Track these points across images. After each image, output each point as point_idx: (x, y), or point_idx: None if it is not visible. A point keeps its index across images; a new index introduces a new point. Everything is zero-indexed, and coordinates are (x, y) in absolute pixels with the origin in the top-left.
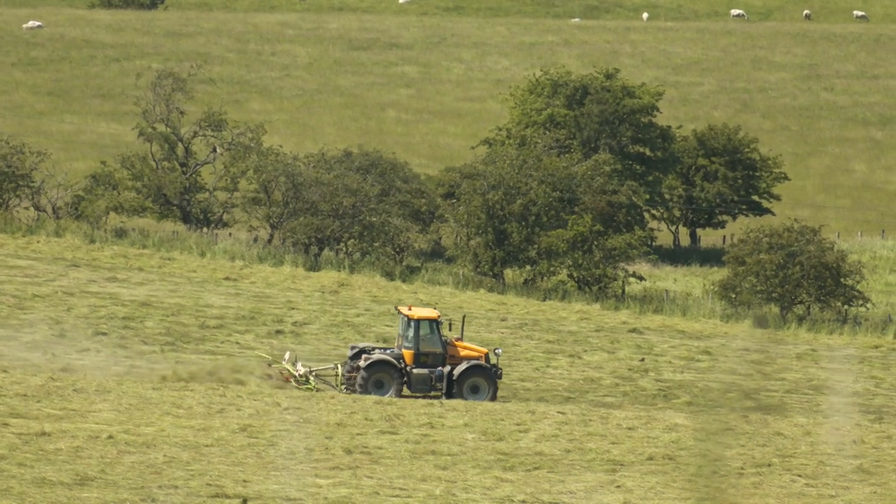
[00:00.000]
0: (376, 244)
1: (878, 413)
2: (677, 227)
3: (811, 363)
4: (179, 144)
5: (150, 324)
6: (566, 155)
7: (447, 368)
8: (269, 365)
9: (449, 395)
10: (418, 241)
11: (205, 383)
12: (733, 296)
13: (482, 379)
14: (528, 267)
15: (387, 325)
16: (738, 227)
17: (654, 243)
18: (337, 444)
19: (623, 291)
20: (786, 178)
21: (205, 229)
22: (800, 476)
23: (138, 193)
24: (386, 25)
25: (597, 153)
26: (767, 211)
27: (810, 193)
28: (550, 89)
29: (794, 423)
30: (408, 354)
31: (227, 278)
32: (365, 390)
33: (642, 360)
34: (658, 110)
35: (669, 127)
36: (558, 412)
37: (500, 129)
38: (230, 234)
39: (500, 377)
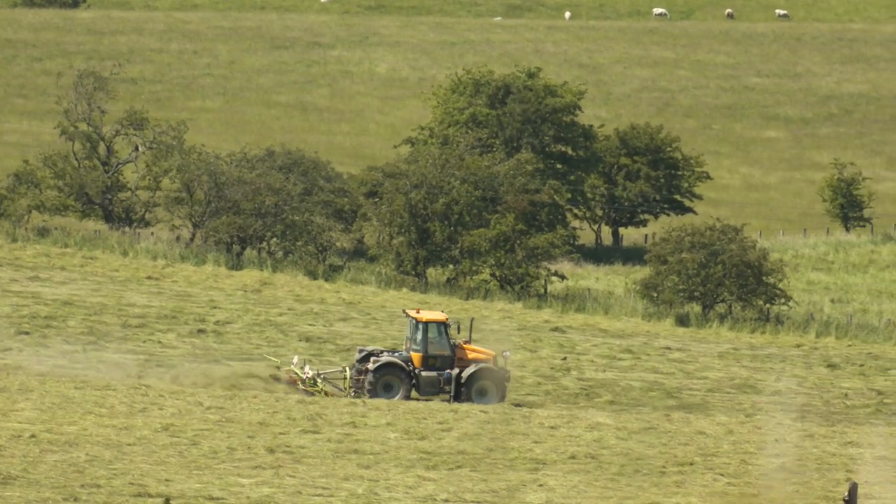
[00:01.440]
0: (299, 243)
1: (799, 412)
2: (599, 226)
3: (733, 362)
4: (101, 143)
5: (72, 323)
6: (488, 154)
7: (455, 371)
8: (277, 368)
9: (457, 398)
10: (341, 240)
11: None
12: (655, 294)
13: (490, 381)
14: (450, 266)
15: (309, 325)
16: (660, 226)
17: (576, 242)
18: (259, 443)
19: (545, 290)
20: (708, 177)
21: (127, 228)
22: (722, 475)
23: (60, 192)
24: (308, 24)
25: (519, 152)
26: (689, 210)
27: (732, 192)
28: (473, 88)
29: (716, 421)
30: (416, 357)
31: (149, 277)
32: (373, 393)
33: (564, 358)
34: (580, 109)
35: (591, 126)
36: (481, 411)
37: (422, 129)
38: (152, 234)
39: (508, 380)
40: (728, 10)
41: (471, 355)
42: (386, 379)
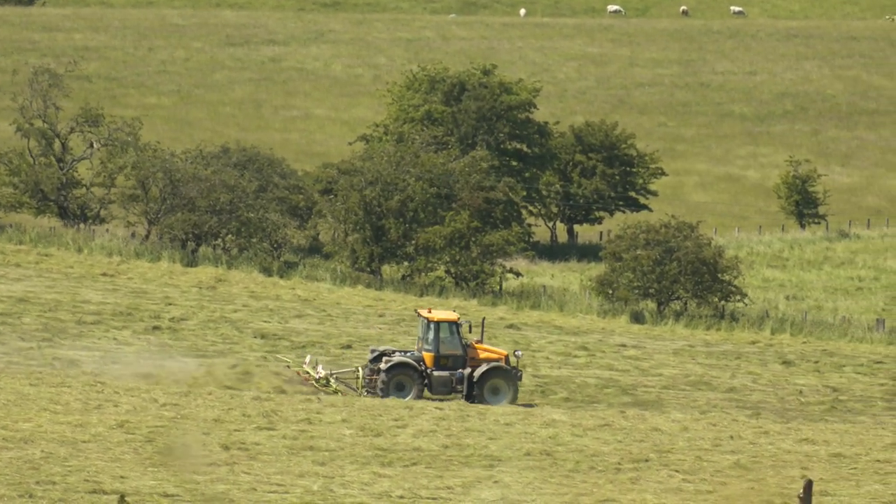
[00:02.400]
0: (254, 240)
1: (755, 409)
2: (554, 223)
3: (688, 359)
4: (56, 140)
5: (27, 320)
6: (443, 151)
7: (467, 370)
8: (289, 367)
9: (469, 397)
10: (296, 237)
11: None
12: (610, 291)
13: (502, 380)
14: (405, 263)
15: (264, 322)
16: (615, 223)
17: (531, 239)
18: (214, 440)
19: (500, 287)
20: (663, 173)
21: (82, 225)
22: (677, 471)
23: (15, 189)
24: (263, 21)
25: (474, 149)
26: (644, 207)
27: (687, 189)
28: (428, 86)
29: (671, 418)
30: (428, 357)
31: (104, 274)
32: (386, 393)
33: (517, 354)
34: (535, 106)
35: (547, 123)
36: (436, 408)
37: (377, 126)
38: (107, 230)
39: (520, 379)
40: (683, 8)
41: (482, 355)
42: (398, 379)
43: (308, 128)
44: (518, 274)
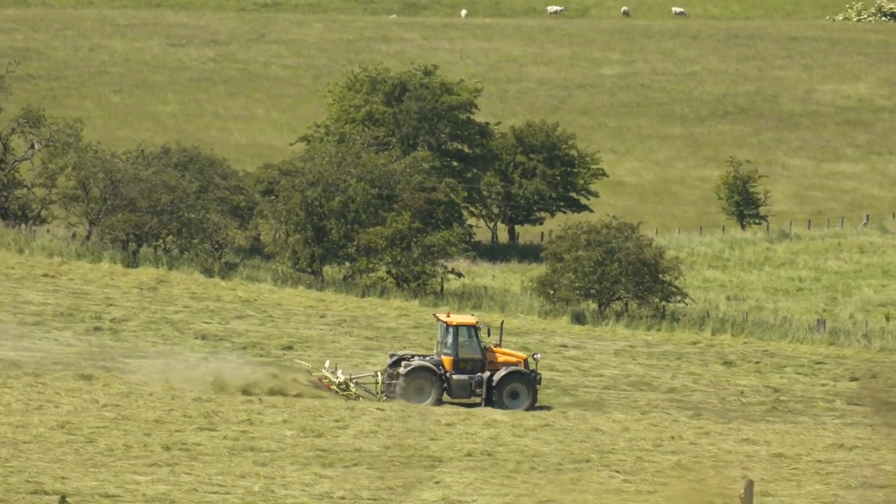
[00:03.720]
0: (195, 241)
1: (695, 409)
2: (496, 224)
3: (629, 359)
4: None
5: None
6: (385, 152)
7: (486, 374)
8: (309, 372)
9: (488, 401)
10: (237, 238)
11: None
12: (552, 292)
13: (522, 384)
14: (346, 264)
15: (205, 323)
16: (557, 224)
17: (472, 240)
18: (155, 440)
19: (442, 288)
20: (604, 174)
21: (23, 226)
22: (618, 472)
23: None
24: (204, 21)
25: (415, 150)
26: (585, 208)
27: (628, 190)
28: (369, 86)
29: (612, 419)
30: (447, 361)
31: (45, 275)
32: (405, 397)
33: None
34: (476, 107)
35: (488, 124)
36: (377, 408)
37: (318, 126)
38: (48, 231)
39: (539, 382)
40: (624, 8)
41: (501, 358)
42: (417, 383)
43: (249, 128)
44: (459, 275)
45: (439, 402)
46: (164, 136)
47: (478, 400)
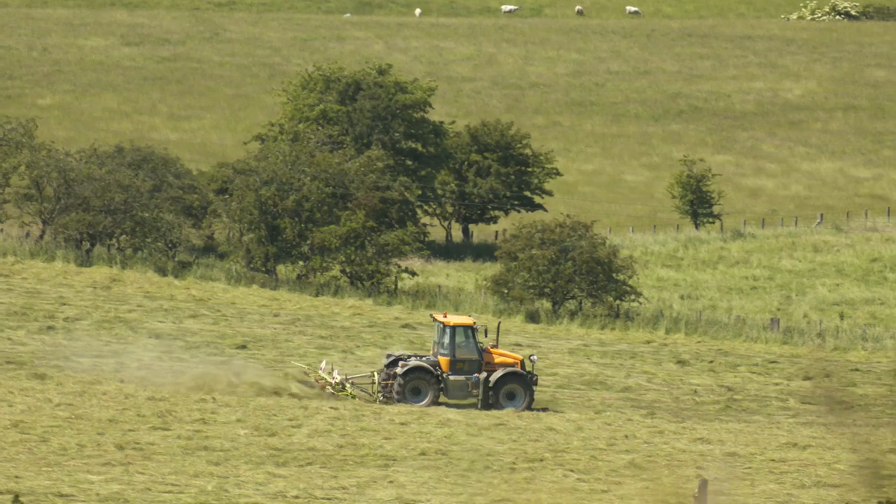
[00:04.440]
0: (148, 240)
1: (649, 408)
2: (450, 223)
3: (583, 358)
4: None
5: None
6: (339, 151)
7: (483, 375)
8: (306, 374)
9: (485, 402)
10: (191, 237)
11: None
12: (505, 291)
13: (518, 385)
14: (300, 263)
15: (159, 322)
16: (511, 223)
17: (426, 239)
18: (109, 440)
19: (395, 287)
20: (558, 173)
21: None
22: (572, 471)
23: None
24: (158, 21)
25: (369, 149)
26: (539, 207)
27: (582, 189)
28: (323, 85)
29: (566, 418)
30: (444, 361)
31: None
32: (402, 397)
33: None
34: (430, 106)
35: (442, 122)
36: (331, 407)
37: (272, 125)
38: (1, 230)
39: (535, 383)
40: (578, 7)
41: (498, 359)
42: (414, 383)
43: (203, 127)
44: (413, 273)
45: (436, 402)
46: (118, 135)
47: (474, 401)
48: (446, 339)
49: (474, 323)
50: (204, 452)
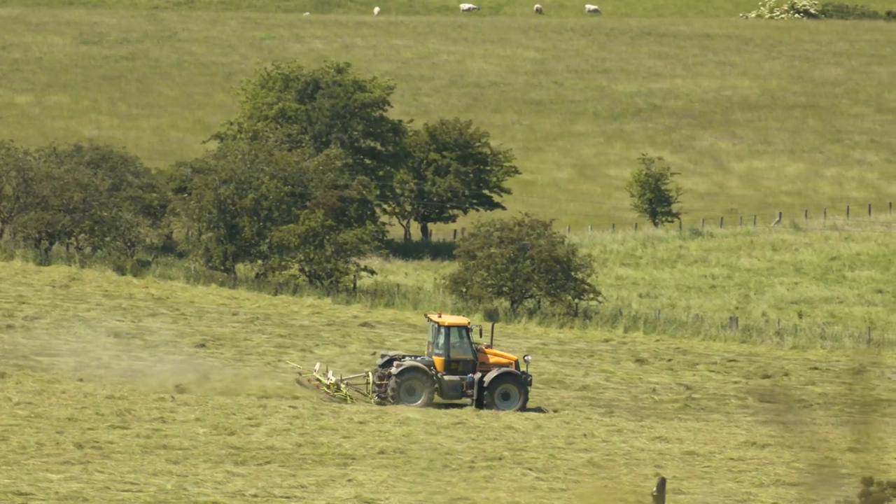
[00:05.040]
0: (107, 239)
1: (608, 407)
2: (408, 222)
3: (542, 357)
4: None
5: None
6: (297, 150)
7: (478, 375)
8: (300, 374)
9: (480, 402)
10: (149, 236)
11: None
12: (464, 290)
13: (513, 386)
14: (259, 261)
15: (118, 321)
16: (469, 222)
17: (385, 238)
18: (68, 438)
19: (354, 286)
20: (516, 172)
21: None
22: (531, 469)
23: None
24: (116, 20)
25: (328, 148)
26: (498, 205)
27: (541, 187)
28: (282, 84)
29: (524, 416)
30: (438, 361)
31: None
32: (397, 398)
33: (374, 354)
34: (389, 105)
35: (401, 121)
36: (290, 406)
37: (231, 124)
38: None
39: (530, 384)
40: (537, 6)
41: (493, 359)
42: (409, 383)
43: (162, 126)
44: (372, 272)
45: (431, 402)
46: (77, 134)
47: (468, 401)
48: (441, 340)
49: (469, 323)
50: (163, 451)
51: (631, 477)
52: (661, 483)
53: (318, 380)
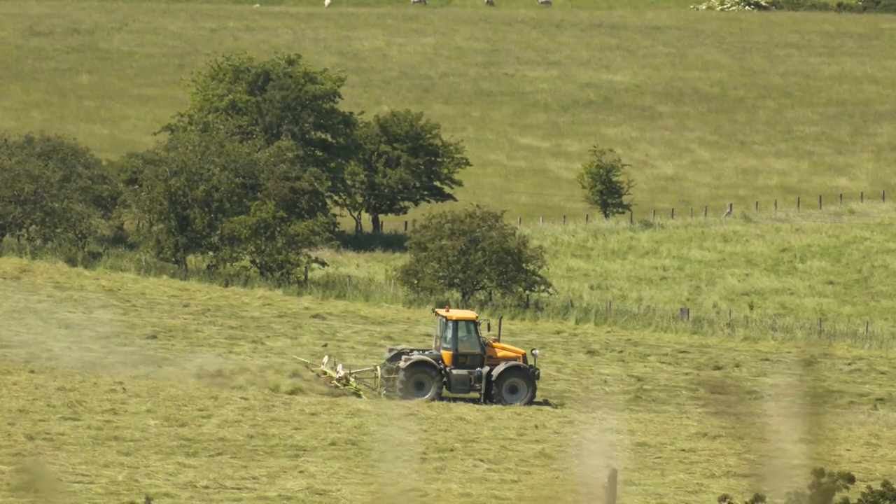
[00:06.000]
0: (58, 230)
1: (559, 398)
2: (360, 213)
3: None
4: None
5: None
6: (248, 141)
7: (486, 369)
8: (307, 367)
9: (488, 396)
10: (100, 228)
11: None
12: (415, 281)
13: (521, 379)
14: (210, 253)
15: (69, 312)
16: (421, 213)
17: (336, 229)
18: (19, 430)
19: (306, 277)
20: (467, 163)
21: None
22: (482, 461)
23: None
24: (67, 11)
25: (279, 139)
26: (449, 197)
27: (492, 179)
28: (232, 75)
29: (476, 408)
30: (446, 355)
31: None
32: (405, 392)
33: (325, 345)
34: (340, 96)
35: (352, 113)
36: (241, 398)
37: (182, 115)
38: None
39: (538, 378)
40: None
41: (500, 353)
42: (417, 377)
43: (112, 117)
44: (323, 264)
45: (438, 397)
46: (28, 125)
47: (476, 395)
48: (449, 334)
49: (476, 317)
50: (114, 443)
51: (582, 468)
52: (613, 474)
53: (326, 373)
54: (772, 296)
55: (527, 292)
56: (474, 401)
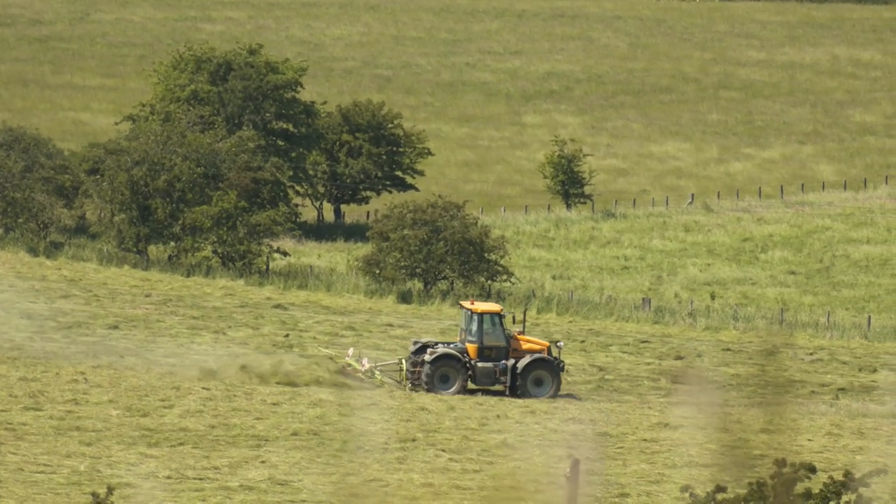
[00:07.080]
0: (20, 220)
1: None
2: (321, 203)
3: (455, 338)
4: None
5: None
6: (210, 131)
7: (511, 362)
8: (332, 360)
9: (513, 389)
10: (62, 218)
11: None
12: (377, 271)
13: (546, 372)
14: (172, 243)
15: (31, 302)
16: (382, 203)
17: (298, 219)
18: None
19: (267, 267)
20: (429, 153)
21: None
22: (444, 451)
23: None
24: (28, 1)
25: (241, 129)
26: (411, 187)
27: (454, 169)
28: (194, 65)
29: (438, 398)
30: (471, 348)
31: None
32: (430, 385)
33: (286, 335)
34: (302, 86)
35: (313, 103)
36: (203, 388)
37: (143, 106)
38: None
39: (563, 370)
40: None
41: (525, 346)
42: (442, 370)
43: (74, 108)
44: (285, 254)
45: (464, 390)
46: None
47: (502, 388)
48: (474, 326)
49: (501, 310)
50: (76, 433)
51: (544, 458)
52: (575, 464)
53: (351, 366)
54: (733, 286)
55: (489, 282)
56: (500, 393)
